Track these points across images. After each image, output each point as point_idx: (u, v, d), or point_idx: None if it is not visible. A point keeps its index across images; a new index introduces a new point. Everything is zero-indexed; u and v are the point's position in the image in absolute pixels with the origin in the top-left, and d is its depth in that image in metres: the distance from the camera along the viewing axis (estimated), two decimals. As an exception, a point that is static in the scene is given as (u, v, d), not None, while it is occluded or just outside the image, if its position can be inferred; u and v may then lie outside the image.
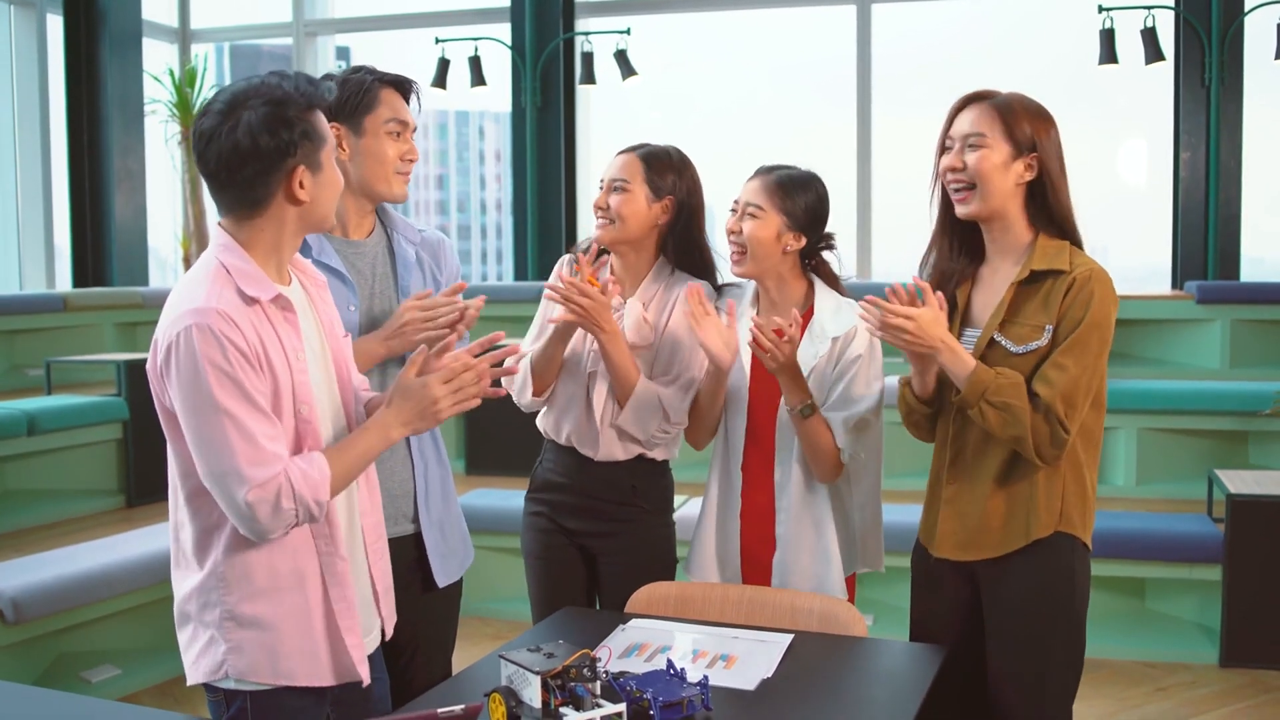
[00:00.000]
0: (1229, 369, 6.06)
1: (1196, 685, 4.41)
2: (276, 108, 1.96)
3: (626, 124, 9.07)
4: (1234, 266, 6.70)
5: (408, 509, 2.65)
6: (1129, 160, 7.95)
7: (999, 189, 2.45)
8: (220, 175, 1.99)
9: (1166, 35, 6.57)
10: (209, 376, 1.90)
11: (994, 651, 2.49)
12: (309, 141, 2.00)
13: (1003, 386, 2.36)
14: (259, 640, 2.03)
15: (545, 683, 1.97)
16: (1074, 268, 2.42)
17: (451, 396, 2.07)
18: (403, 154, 2.59)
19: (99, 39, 7.73)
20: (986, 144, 2.44)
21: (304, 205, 2.02)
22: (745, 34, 8.72)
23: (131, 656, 4.47)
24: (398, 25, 8.55)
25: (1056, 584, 2.45)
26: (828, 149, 7.97)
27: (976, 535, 2.48)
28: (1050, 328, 2.40)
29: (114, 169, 7.74)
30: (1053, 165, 2.46)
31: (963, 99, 2.53)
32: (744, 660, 2.34)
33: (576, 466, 2.95)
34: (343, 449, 2.05)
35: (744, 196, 2.84)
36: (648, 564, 2.95)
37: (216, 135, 1.96)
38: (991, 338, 2.45)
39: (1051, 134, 2.47)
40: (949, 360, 2.39)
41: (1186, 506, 5.23)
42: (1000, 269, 2.53)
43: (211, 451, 1.92)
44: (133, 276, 7.82)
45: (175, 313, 1.95)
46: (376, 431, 2.07)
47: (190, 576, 2.07)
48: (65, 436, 5.29)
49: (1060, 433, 2.35)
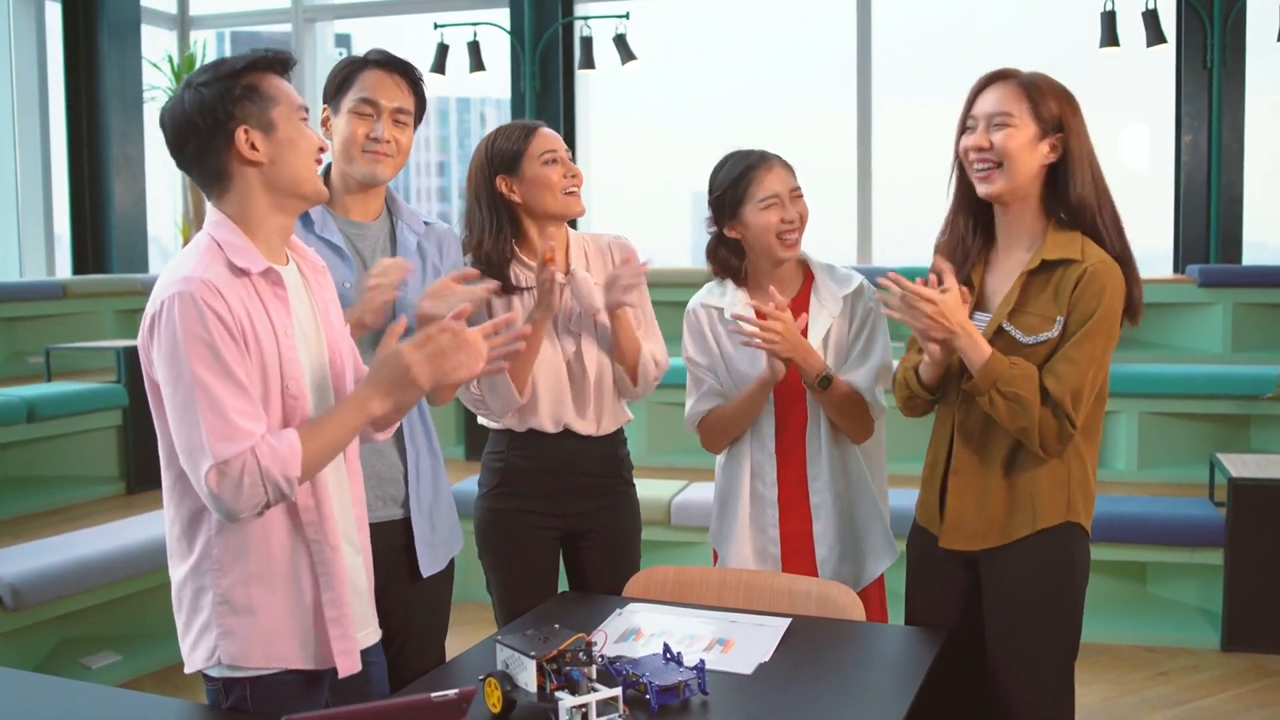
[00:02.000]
0: (1231, 353, 6.04)
1: (1198, 669, 4.40)
2: (212, 74, 1.99)
3: (626, 109, 9.06)
4: (1236, 250, 6.68)
5: (397, 493, 2.64)
6: (1130, 144, 7.93)
7: (1025, 168, 2.41)
8: (178, 155, 2.03)
9: (1168, 17, 6.54)
10: (185, 345, 1.87)
11: (994, 637, 2.48)
12: (250, 101, 1.98)
13: (1015, 378, 2.34)
14: (252, 625, 2.01)
15: (541, 667, 1.96)
16: (1085, 258, 2.39)
17: (427, 362, 1.99)
18: (369, 132, 2.58)
19: (98, 26, 7.71)
20: (1013, 122, 2.40)
21: (263, 166, 2.00)
22: (745, 19, 8.69)
23: (132, 643, 4.48)
24: (396, 10, 8.52)
25: (1059, 571, 2.45)
26: (828, 135, 7.94)
27: (985, 524, 2.46)
28: (1061, 319, 2.38)
29: (113, 156, 7.73)
30: (1077, 148, 2.41)
31: (986, 77, 2.48)
32: (741, 644, 2.34)
33: (564, 449, 2.92)
34: (318, 424, 1.99)
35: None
36: (631, 535, 3.02)
37: (166, 115, 2.02)
38: (1000, 326, 2.43)
39: (1079, 115, 2.43)
40: (966, 345, 2.37)
41: (1188, 490, 5.22)
42: (1013, 253, 2.50)
43: (183, 424, 1.89)
44: (132, 263, 7.82)
45: (162, 284, 1.95)
46: (354, 405, 2.01)
47: (182, 563, 2.05)
48: (65, 423, 5.30)
49: (1067, 428, 2.35)
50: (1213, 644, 4.58)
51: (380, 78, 2.61)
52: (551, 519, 2.94)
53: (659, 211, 3.35)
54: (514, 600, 2.90)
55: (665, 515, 4.96)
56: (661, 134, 8.23)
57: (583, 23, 7.49)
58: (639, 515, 3.07)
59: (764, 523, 2.91)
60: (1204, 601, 4.80)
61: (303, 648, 2.06)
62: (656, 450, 5.93)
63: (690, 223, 20.43)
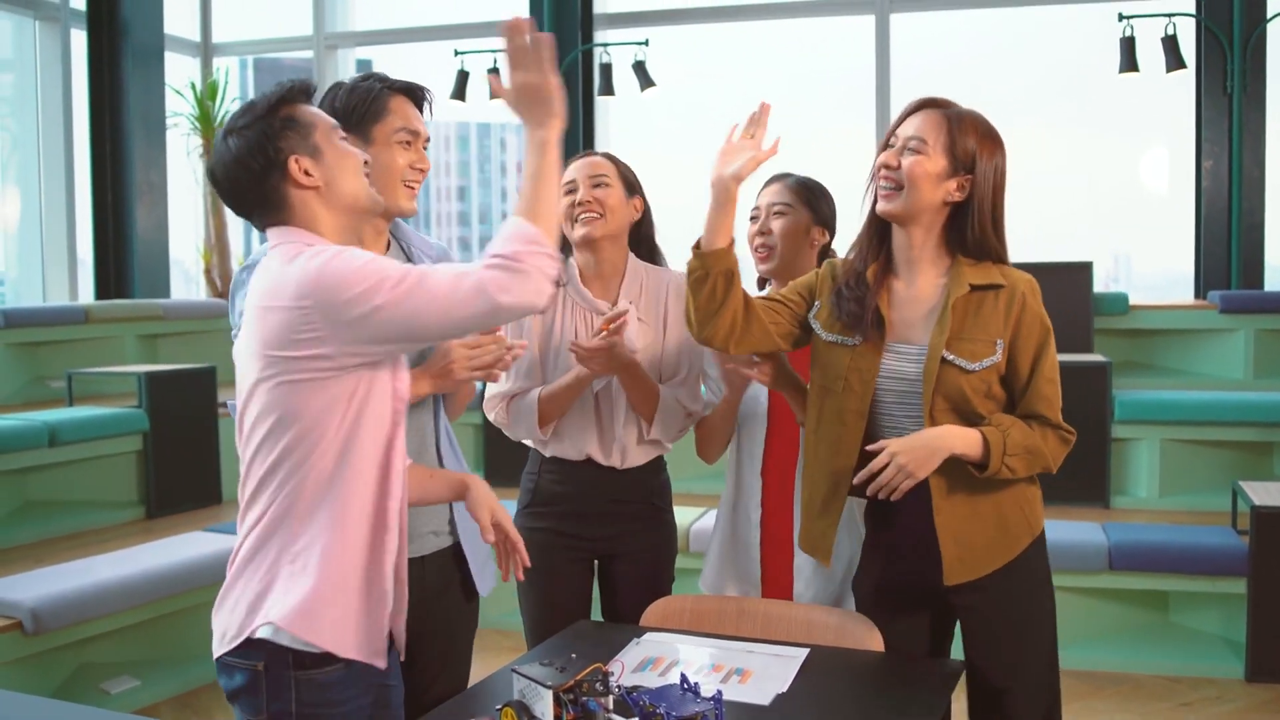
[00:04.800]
0: (1253, 379, 6.00)
1: (1222, 700, 4.36)
2: (249, 116, 2.04)
3: (645, 135, 9.08)
4: (1258, 275, 6.64)
5: (442, 522, 2.65)
6: (1151, 169, 7.91)
7: (925, 198, 2.43)
8: (235, 202, 2.09)
9: (1188, 43, 6.53)
10: (376, 259, 1.95)
11: (987, 659, 2.50)
12: (292, 132, 2.04)
13: (1013, 438, 2.36)
14: (312, 592, 1.99)
15: (557, 697, 1.96)
16: (1011, 280, 2.44)
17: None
18: (412, 163, 2.48)
19: (122, 53, 7.79)
20: (925, 150, 2.42)
21: (320, 189, 2.06)
22: (764, 45, 8.71)
23: (151, 668, 4.49)
24: (417, 38, 8.57)
25: (1037, 587, 2.52)
26: (847, 158, 7.95)
27: (977, 553, 2.46)
28: (1001, 342, 2.40)
29: (136, 182, 7.79)
30: (983, 192, 2.43)
31: (917, 102, 2.50)
32: (759, 675, 2.32)
33: (592, 477, 2.96)
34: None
35: (764, 200, 2.95)
36: (664, 561, 3.04)
37: (217, 167, 2.07)
38: (943, 356, 2.41)
39: (994, 160, 2.44)
40: (964, 450, 2.36)
41: (1210, 519, 5.17)
42: (913, 284, 2.50)
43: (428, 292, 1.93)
44: (154, 289, 7.86)
45: (285, 271, 1.97)
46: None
47: (257, 528, 2.04)
48: (86, 448, 5.32)
49: (1067, 436, 2.44)
50: (1237, 674, 4.53)
51: (409, 105, 2.52)
52: (581, 541, 2.97)
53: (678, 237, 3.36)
54: (544, 620, 2.94)
55: (684, 542, 4.95)
56: (681, 160, 8.23)
57: (602, 50, 7.52)
58: (673, 540, 3.09)
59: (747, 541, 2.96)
60: (1227, 631, 4.75)
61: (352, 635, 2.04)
62: (675, 477, 5.89)
63: (709, 247, 20.76)
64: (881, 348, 2.48)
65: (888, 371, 2.47)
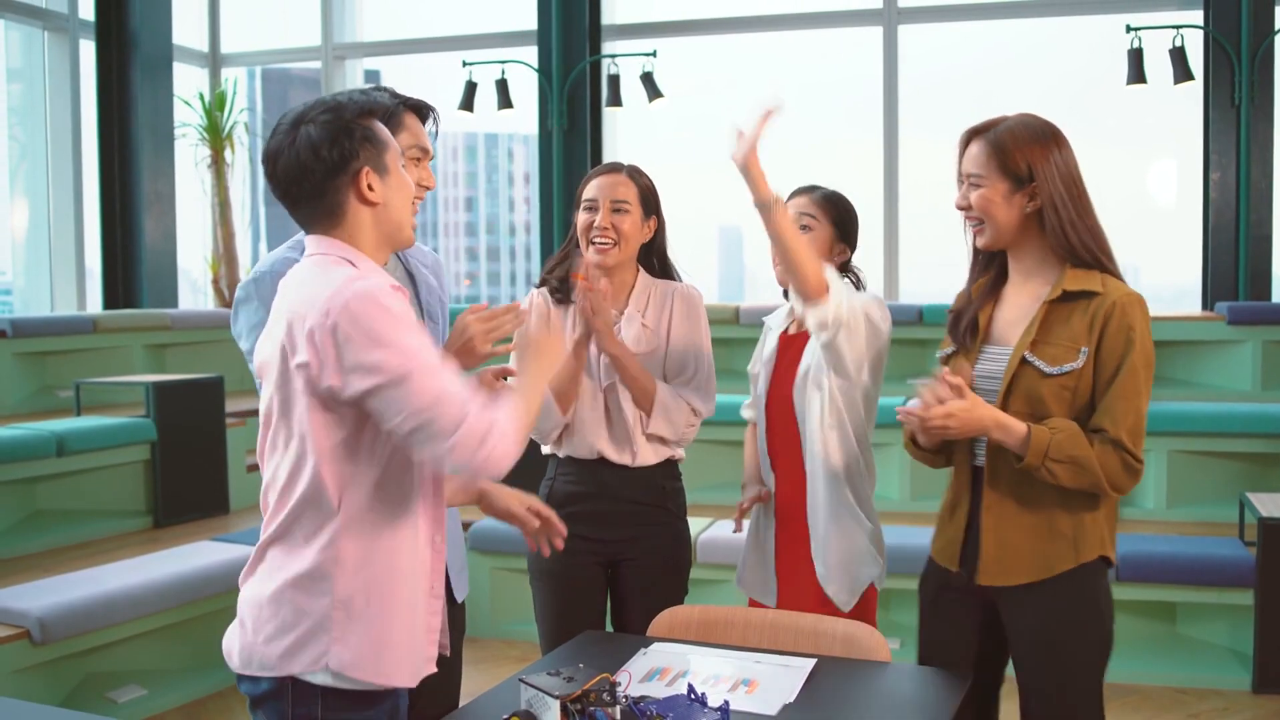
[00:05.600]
0: (1260, 390, 5.99)
1: (1229, 712, 4.35)
2: (334, 115, 2.03)
3: (652, 146, 9.09)
4: (1265, 287, 6.64)
5: None
6: (1158, 180, 7.91)
7: (1005, 223, 2.47)
8: (292, 190, 2.04)
9: (1195, 55, 6.54)
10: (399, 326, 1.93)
11: (1026, 678, 2.48)
12: (370, 145, 2.05)
13: (1062, 442, 2.34)
14: (366, 634, 1.98)
15: (565, 707, 1.96)
16: (1108, 290, 2.40)
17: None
18: (419, 180, 2.50)
19: (130, 63, 7.82)
20: (984, 182, 2.47)
21: (378, 208, 2.06)
22: (771, 56, 8.72)
23: (158, 677, 4.49)
24: (425, 49, 8.61)
25: (1092, 607, 2.45)
26: (854, 168, 7.95)
27: (1025, 559, 2.45)
28: (1085, 350, 2.38)
29: (144, 192, 7.82)
30: (1054, 191, 2.42)
31: (967, 133, 2.54)
32: (766, 685, 2.32)
33: (604, 476, 3.02)
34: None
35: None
36: (675, 566, 3.08)
37: (281, 152, 2.03)
38: (1023, 357, 2.42)
39: (1052, 159, 2.43)
40: (1001, 436, 2.38)
41: (1218, 530, 5.17)
42: (1025, 288, 2.52)
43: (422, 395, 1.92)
44: (162, 299, 7.89)
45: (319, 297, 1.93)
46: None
47: (294, 560, 2.00)
48: (94, 458, 5.33)
49: (1132, 463, 2.36)
50: (1244, 685, 4.52)
51: (418, 122, 2.53)
52: (593, 544, 3.02)
53: (687, 247, 3.37)
54: (557, 625, 2.99)
55: (694, 553, 4.94)
56: (688, 171, 8.25)
57: (610, 61, 7.54)
58: (686, 548, 3.14)
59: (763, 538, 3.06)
60: (1235, 642, 4.74)
61: (408, 664, 2.04)
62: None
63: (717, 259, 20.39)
64: (975, 352, 2.53)
65: (979, 372, 2.51)
